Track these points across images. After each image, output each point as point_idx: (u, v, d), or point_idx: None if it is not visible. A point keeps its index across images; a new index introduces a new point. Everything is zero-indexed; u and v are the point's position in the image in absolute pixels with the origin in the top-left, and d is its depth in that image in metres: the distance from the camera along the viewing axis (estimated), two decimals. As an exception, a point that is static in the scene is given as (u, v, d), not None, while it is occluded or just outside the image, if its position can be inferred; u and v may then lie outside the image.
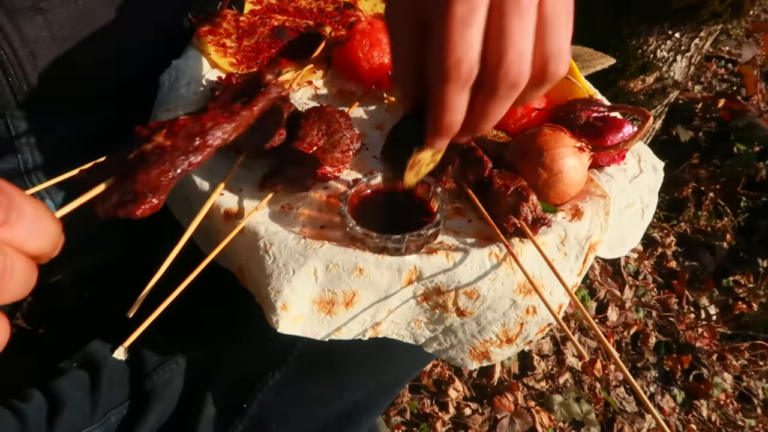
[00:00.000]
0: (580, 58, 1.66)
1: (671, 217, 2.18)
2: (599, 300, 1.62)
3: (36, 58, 0.68)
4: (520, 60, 0.43)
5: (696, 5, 1.57)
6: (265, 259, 0.59)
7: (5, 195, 0.28)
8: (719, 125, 2.37)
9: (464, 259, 0.60)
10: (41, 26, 0.67)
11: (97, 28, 0.73)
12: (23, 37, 0.66)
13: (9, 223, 0.28)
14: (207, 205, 0.62)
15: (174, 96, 0.76)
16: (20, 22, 0.65)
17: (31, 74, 0.68)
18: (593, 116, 0.70)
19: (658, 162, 0.75)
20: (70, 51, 0.70)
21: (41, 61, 0.68)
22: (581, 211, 0.65)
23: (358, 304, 0.60)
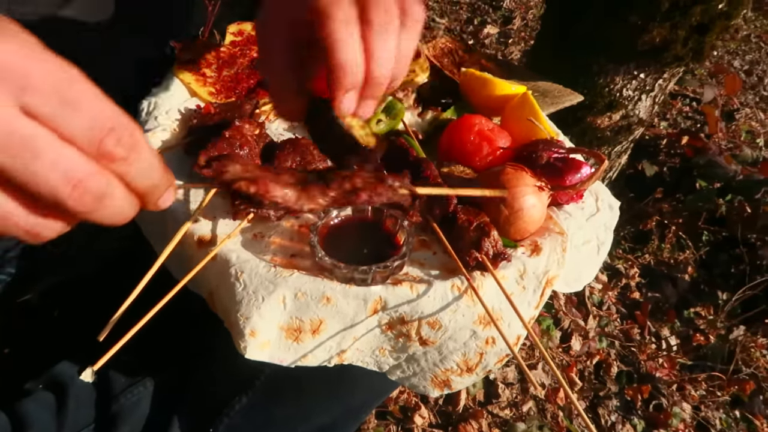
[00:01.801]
0: (549, 94, 1.73)
1: (636, 248, 2.25)
2: (563, 330, 1.66)
3: None
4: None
5: (660, 48, 1.65)
6: (235, 286, 0.61)
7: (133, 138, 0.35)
8: (683, 161, 2.46)
9: (428, 290, 0.63)
10: None
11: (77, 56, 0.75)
12: None
13: (128, 161, 0.35)
14: (181, 231, 0.64)
15: (152, 123, 0.78)
16: None
17: None
18: (554, 157, 0.74)
19: (615, 201, 0.80)
20: None
21: None
22: (540, 247, 0.68)
23: (324, 331, 0.62)
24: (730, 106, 2.95)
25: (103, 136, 0.33)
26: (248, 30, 0.98)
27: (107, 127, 0.33)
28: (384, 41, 0.50)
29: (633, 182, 2.42)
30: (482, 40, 3.05)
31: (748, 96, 3.33)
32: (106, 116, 0.33)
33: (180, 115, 0.81)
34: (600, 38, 1.70)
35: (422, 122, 0.85)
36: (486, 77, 0.85)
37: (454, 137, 0.78)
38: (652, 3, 1.53)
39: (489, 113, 0.87)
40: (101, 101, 0.33)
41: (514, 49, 3.00)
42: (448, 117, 0.85)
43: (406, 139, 0.79)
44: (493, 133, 0.78)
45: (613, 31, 1.65)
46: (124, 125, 0.34)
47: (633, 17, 1.58)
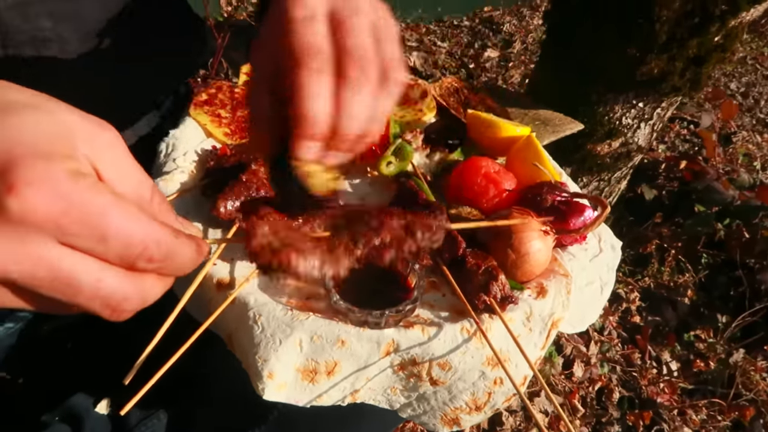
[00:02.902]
0: (551, 123, 1.77)
1: (636, 272, 2.28)
2: (566, 356, 1.68)
3: None
4: (364, 48, 0.49)
5: (658, 79, 1.69)
6: (254, 329, 0.64)
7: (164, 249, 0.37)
8: (681, 184, 2.50)
9: (438, 333, 0.65)
10: (51, 95, 0.72)
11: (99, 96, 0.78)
12: None
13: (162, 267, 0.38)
14: (201, 274, 0.67)
15: (171, 165, 0.81)
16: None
17: None
18: (558, 200, 0.77)
19: (617, 241, 0.82)
20: None
21: None
22: (546, 290, 0.71)
23: (339, 373, 0.65)
24: (727, 129, 3.00)
25: (136, 257, 0.36)
26: (261, 70, 1.01)
27: (138, 252, 0.36)
28: (357, 97, 0.49)
29: (632, 205, 2.46)
30: (483, 64, 3.10)
31: (745, 119, 3.38)
32: (138, 239, 0.36)
33: (197, 156, 0.84)
34: (599, 68, 1.74)
35: (430, 163, 0.88)
36: (491, 119, 0.88)
37: (461, 179, 0.81)
38: (650, 36, 1.58)
39: (495, 153, 0.90)
40: (131, 223, 0.35)
41: (514, 73, 3.05)
42: (456, 158, 0.88)
43: (415, 181, 0.82)
44: (499, 176, 0.81)
45: (612, 62, 1.69)
46: (156, 240, 0.37)
47: (631, 49, 1.63)
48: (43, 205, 0.32)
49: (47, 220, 0.32)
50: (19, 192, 0.31)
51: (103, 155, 0.36)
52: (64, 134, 0.35)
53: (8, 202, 0.31)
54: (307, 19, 0.48)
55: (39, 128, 0.34)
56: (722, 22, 1.54)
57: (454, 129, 0.95)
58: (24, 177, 0.31)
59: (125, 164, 0.38)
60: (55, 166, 0.32)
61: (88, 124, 0.37)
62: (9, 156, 0.32)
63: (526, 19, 3.73)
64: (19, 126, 0.33)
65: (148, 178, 0.41)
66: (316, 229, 0.55)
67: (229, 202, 0.73)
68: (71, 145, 0.35)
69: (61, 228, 0.32)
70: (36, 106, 0.35)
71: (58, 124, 0.35)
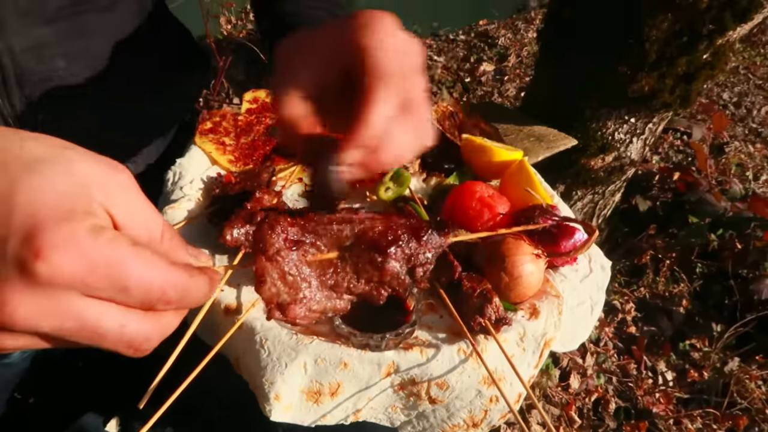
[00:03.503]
0: (545, 139, 1.81)
1: (631, 282, 2.31)
2: (562, 368, 1.71)
3: None
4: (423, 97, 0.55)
5: (649, 96, 1.73)
6: (260, 353, 0.67)
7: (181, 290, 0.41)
8: (675, 195, 2.54)
9: (436, 354, 0.68)
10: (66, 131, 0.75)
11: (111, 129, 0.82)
12: None
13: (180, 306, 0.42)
14: (209, 301, 0.70)
15: (178, 193, 0.84)
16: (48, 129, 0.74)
17: None
18: (549, 223, 0.81)
19: (606, 262, 0.86)
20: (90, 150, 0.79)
21: None
22: (538, 311, 0.74)
23: (342, 394, 0.68)
24: (720, 139, 3.04)
25: (155, 301, 0.40)
26: (263, 97, 1.05)
27: (157, 297, 0.39)
28: (404, 137, 0.54)
29: (627, 217, 2.50)
30: (479, 78, 3.14)
31: (738, 129, 3.42)
32: (157, 286, 0.39)
33: (203, 184, 0.87)
34: (591, 86, 1.78)
35: (427, 187, 0.92)
36: (485, 145, 0.92)
37: (456, 204, 0.85)
38: (640, 55, 1.62)
39: (488, 177, 0.94)
40: (149, 272, 0.39)
41: (510, 86, 3.09)
42: (451, 182, 0.92)
43: (412, 206, 0.85)
44: (493, 200, 0.85)
45: (604, 79, 1.74)
46: (173, 285, 0.40)
47: (622, 67, 1.67)
48: (70, 266, 0.34)
49: (74, 279, 0.35)
50: (46, 257, 0.34)
51: (116, 200, 0.40)
52: (82, 187, 0.38)
53: (37, 267, 0.34)
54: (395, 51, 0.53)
55: (59, 187, 0.36)
56: (710, 41, 1.58)
57: (450, 153, 0.98)
58: (49, 242, 0.34)
59: (137, 206, 0.42)
60: (77, 226, 0.35)
61: (102, 169, 0.40)
62: (34, 220, 0.35)
63: (521, 33, 3.78)
64: (41, 187, 0.36)
65: (159, 215, 0.44)
66: (323, 248, 0.59)
67: (235, 230, 0.76)
68: (88, 196, 0.38)
69: (86, 284, 0.36)
70: (53, 159, 0.38)
71: (75, 176, 0.38)
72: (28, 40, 0.69)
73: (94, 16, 0.76)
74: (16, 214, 0.35)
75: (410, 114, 0.54)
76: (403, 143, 0.54)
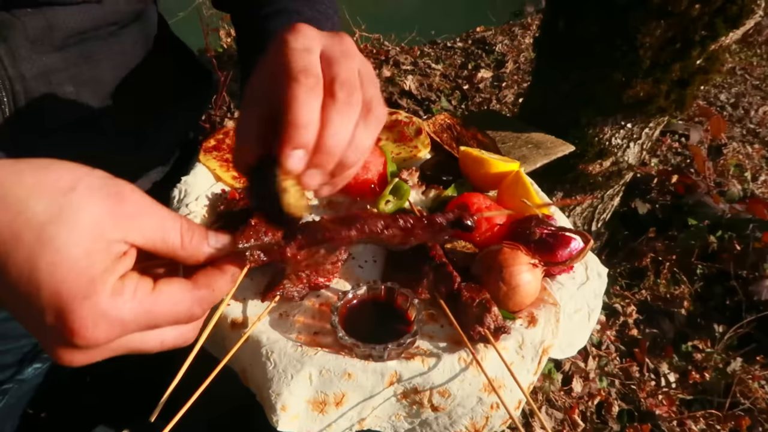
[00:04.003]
0: (542, 146, 1.83)
1: (632, 285, 2.32)
2: (565, 372, 1.73)
3: None
4: (352, 82, 0.53)
5: (644, 101, 1.76)
6: (267, 365, 0.69)
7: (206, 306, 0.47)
8: (674, 198, 2.56)
9: (437, 363, 0.71)
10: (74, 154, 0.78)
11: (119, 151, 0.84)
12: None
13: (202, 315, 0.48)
14: (216, 315, 0.72)
15: (184, 210, 0.86)
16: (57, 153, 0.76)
17: None
18: (545, 233, 0.83)
19: (603, 269, 0.88)
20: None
21: None
22: (536, 319, 0.76)
23: (346, 403, 0.70)
24: (718, 140, 3.06)
25: (186, 321, 0.45)
26: (264, 114, 1.08)
27: (186, 318, 0.45)
28: (342, 118, 0.52)
29: (627, 220, 2.51)
30: (476, 84, 3.17)
31: (735, 130, 3.44)
32: (183, 314, 0.44)
33: (208, 200, 0.90)
34: (587, 93, 1.81)
35: (426, 200, 0.94)
36: (482, 157, 0.94)
37: (455, 215, 0.87)
38: (634, 62, 1.64)
39: (486, 188, 0.96)
40: (173, 306, 0.44)
41: (507, 93, 3.12)
42: (450, 194, 0.94)
43: (412, 218, 0.87)
44: (490, 210, 0.87)
45: (600, 86, 1.76)
46: (198, 303, 0.45)
47: (617, 74, 1.69)
48: (103, 334, 0.40)
49: (110, 338, 0.40)
50: (79, 334, 0.39)
51: (129, 231, 0.43)
52: (95, 239, 0.41)
53: (75, 341, 0.39)
54: (305, 50, 0.52)
55: (74, 255, 0.39)
56: (703, 47, 1.61)
57: (448, 165, 1.01)
58: (79, 322, 0.39)
59: (150, 227, 0.45)
60: (98, 299, 0.39)
61: (110, 206, 0.42)
62: (59, 300, 0.39)
63: (518, 39, 3.81)
64: (57, 262, 0.39)
65: (175, 220, 0.47)
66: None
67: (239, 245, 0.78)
68: (105, 243, 0.41)
69: (121, 336, 0.41)
70: (60, 218, 0.40)
71: (86, 231, 0.40)
72: (37, 66, 0.72)
73: (100, 43, 0.79)
74: (42, 290, 0.38)
75: (342, 96, 0.52)
76: (344, 132, 0.52)
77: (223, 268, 0.49)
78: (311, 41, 0.54)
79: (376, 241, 0.56)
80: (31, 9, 0.70)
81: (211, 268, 0.49)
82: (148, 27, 0.89)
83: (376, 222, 0.54)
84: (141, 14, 0.86)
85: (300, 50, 0.52)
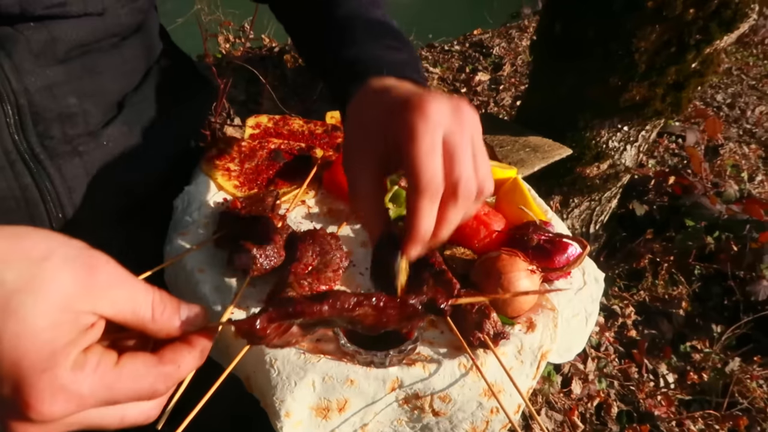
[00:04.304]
0: (540, 149, 1.85)
1: (630, 286, 2.34)
2: (564, 374, 1.74)
3: (72, 193, 0.79)
4: (470, 180, 0.56)
5: (640, 104, 1.77)
6: (270, 372, 0.70)
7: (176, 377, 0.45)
8: (671, 199, 2.58)
9: (438, 369, 0.72)
10: (78, 165, 0.79)
11: (121, 162, 0.86)
12: (63, 176, 0.77)
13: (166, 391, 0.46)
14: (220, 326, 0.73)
15: (187, 220, 0.88)
16: (61, 164, 0.77)
17: (67, 206, 0.79)
18: (543, 239, 0.84)
19: (599, 273, 0.89)
20: (100, 183, 0.82)
21: (76, 194, 0.80)
22: (534, 324, 0.78)
23: (349, 409, 0.71)
24: (714, 141, 3.08)
25: (149, 397, 0.44)
26: (264, 122, 1.09)
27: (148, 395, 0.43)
28: (458, 214, 0.57)
29: (625, 222, 2.53)
30: (474, 87, 3.19)
31: (732, 130, 3.46)
32: (145, 390, 0.43)
33: (210, 210, 0.91)
34: (584, 96, 1.82)
35: (425, 206, 0.95)
36: (480, 164, 0.95)
37: (454, 222, 0.88)
38: (630, 66, 1.66)
39: (484, 194, 0.98)
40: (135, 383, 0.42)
41: (505, 95, 3.14)
42: (448, 201, 0.95)
43: (411, 225, 0.89)
44: (489, 217, 0.88)
45: (596, 90, 1.78)
46: (163, 379, 0.44)
47: (614, 78, 1.71)
48: (60, 409, 0.38)
49: (66, 414, 0.39)
50: (34, 408, 0.38)
51: (99, 302, 0.42)
52: (63, 311, 0.40)
53: (30, 415, 0.38)
54: (431, 151, 0.54)
55: (38, 326, 0.39)
56: (698, 50, 1.63)
57: (447, 171, 1.02)
58: (35, 395, 0.38)
59: (121, 298, 0.44)
60: (58, 372, 0.39)
61: (81, 277, 0.41)
62: (18, 372, 0.38)
63: (515, 41, 3.83)
64: (20, 333, 0.38)
65: (147, 293, 0.45)
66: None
67: (242, 255, 0.79)
68: (72, 314, 0.40)
69: (79, 411, 0.40)
70: (29, 288, 0.39)
71: (54, 302, 0.40)
72: (41, 80, 0.73)
73: (102, 55, 0.80)
74: (3, 361, 0.38)
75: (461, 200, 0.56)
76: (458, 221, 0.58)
77: (193, 342, 0.47)
78: (436, 135, 0.55)
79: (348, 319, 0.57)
80: (34, 23, 0.71)
81: (180, 343, 0.47)
82: (149, 38, 0.91)
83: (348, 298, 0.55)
84: (142, 25, 0.88)
85: (427, 152, 0.54)
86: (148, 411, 0.45)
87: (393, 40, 0.82)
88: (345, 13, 0.85)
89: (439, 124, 0.55)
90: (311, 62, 0.94)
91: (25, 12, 0.68)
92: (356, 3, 0.86)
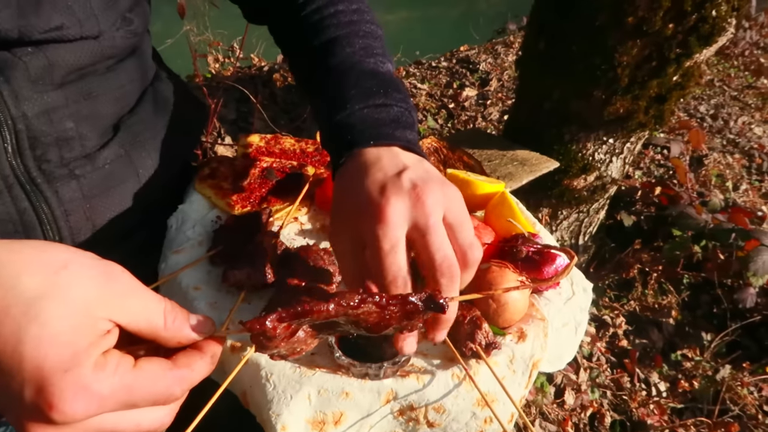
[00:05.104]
0: (528, 163, 1.88)
1: (620, 296, 2.37)
2: (557, 385, 1.76)
3: (69, 216, 0.80)
4: (446, 257, 0.59)
5: (624, 117, 1.81)
6: (266, 386, 0.71)
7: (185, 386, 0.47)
8: (658, 209, 2.62)
9: (432, 380, 0.73)
10: (75, 189, 0.80)
11: (117, 184, 0.87)
12: (60, 199, 0.78)
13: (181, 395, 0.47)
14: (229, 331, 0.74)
15: (182, 238, 0.89)
16: (58, 188, 0.78)
17: (64, 229, 0.80)
18: (531, 251, 0.86)
19: (588, 284, 0.91)
20: (97, 205, 0.83)
21: (73, 217, 0.81)
22: (525, 334, 0.79)
23: (345, 422, 0.72)
24: (698, 152, 3.14)
25: (164, 401, 0.45)
26: (256, 142, 1.11)
27: (164, 398, 0.45)
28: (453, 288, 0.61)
29: (613, 233, 2.57)
30: (462, 103, 3.23)
31: (716, 140, 3.52)
32: (161, 394, 0.45)
33: (204, 227, 0.92)
34: (569, 111, 1.86)
35: (416, 221, 0.97)
36: (468, 179, 0.98)
37: (444, 235, 0.90)
38: (613, 80, 1.70)
39: (473, 209, 1.00)
40: (153, 386, 0.44)
41: (492, 110, 3.18)
42: (438, 215, 0.97)
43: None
44: (479, 231, 0.90)
45: (581, 104, 1.82)
46: (178, 383, 0.46)
47: (597, 92, 1.75)
48: (81, 409, 0.40)
49: (87, 415, 0.40)
50: (57, 408, 0.39)
51: (116, 310, 0.44)
52: (83, 315, 0.42)
53: (52, 416, 0.39)
54: (393, 249, 0.59)
55: (59, 329, 0.40)
56: (678, 64, 1.67)
57: (436, 186, 1.04)
58: (58, 394, 0.39)
59: (136, 307, 0.46)
60: (80, 371, 0.40)
61: (100, 283, 0.44)
62: (41, 373, 0.39)
63: (501, 57, 3.89)
64: (42, 336, 0.40)
65: (159, 302, 0.48)
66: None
67: (236, 272, 0.81)
68: (91, 319, 0.42)
69: (99, 413, 0.41)
70: (49, 294, 0.41)
71: (74, 307, 0.42)
72: (39, 105, 0.74)
73: (98, 79, 0.81)
74: (25, 364, 0.39)
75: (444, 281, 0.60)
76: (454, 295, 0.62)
77: (203, 348, 0.50)
78: (396, 235, 0.59)
79: (353, 319, 0.59)
80: (32, 48, 0.72)
81: (191, 349, 0.50)
82: (144, 60, 0.92)
83: (353, 296, 0.57)
84: (136, 48, 0.89)
85: (387, 253, 0.59)
86: (162, 418, 0.46)
87: (383, 95, 0.81)
88: (339, 64, 0.85)
89: (398, 224, 0.59)
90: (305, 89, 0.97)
91: (23, 36, 0.69)
92: (350, 51, 0.86)
